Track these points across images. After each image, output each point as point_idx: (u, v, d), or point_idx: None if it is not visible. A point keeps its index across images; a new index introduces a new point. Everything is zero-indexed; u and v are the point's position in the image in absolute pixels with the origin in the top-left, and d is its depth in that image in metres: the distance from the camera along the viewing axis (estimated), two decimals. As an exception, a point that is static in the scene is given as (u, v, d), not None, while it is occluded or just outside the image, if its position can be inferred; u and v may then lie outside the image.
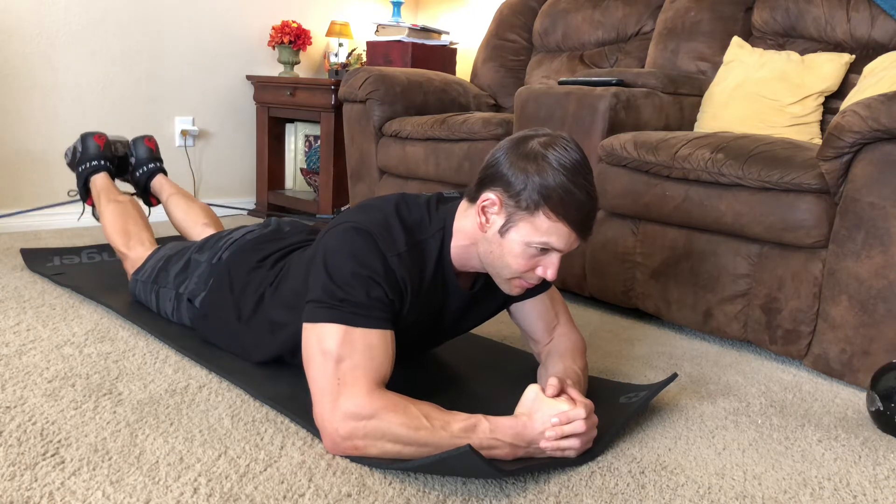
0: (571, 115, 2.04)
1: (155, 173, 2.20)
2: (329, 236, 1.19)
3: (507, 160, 1.15)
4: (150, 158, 2.20)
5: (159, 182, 2.18)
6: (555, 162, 1.11)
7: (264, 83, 3.26)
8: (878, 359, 1.50)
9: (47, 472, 1.03)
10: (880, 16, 2.12)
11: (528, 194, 1.12)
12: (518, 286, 1.22)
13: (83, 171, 2.11)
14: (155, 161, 2.21)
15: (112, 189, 2.06)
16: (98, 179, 2.09)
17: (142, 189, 2.21)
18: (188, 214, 2.04)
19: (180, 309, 1.63)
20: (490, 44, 3.13)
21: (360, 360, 1.09)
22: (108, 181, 2.09)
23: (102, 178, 2.10)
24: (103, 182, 2.08)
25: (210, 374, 1.43)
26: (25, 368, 1.40)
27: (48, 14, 2.74)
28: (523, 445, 1.09)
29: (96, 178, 2.10)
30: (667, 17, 2.56)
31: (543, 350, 1.41)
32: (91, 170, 2.11)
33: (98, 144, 2.14)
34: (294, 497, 1.01)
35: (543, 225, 1.12)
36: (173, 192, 2.13)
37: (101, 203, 2.01)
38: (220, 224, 2.04)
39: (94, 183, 2.10)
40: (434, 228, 1.23)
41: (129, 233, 1.88)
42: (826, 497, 1.11)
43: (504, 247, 1.16)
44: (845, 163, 1.52)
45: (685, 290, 1.82)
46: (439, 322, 1.32)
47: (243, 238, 1.61)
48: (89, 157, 2.12)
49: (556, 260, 1.16)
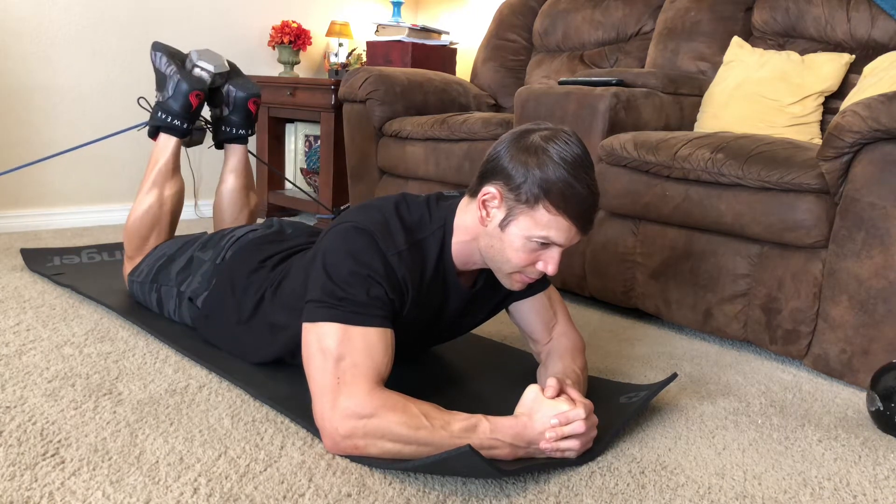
0: (571, 115, 2.04)
1: (238, 140, 2.01)
2: (328, 236, 1.19)
3: (507, 154, 1.15)
4: (243, 124, 1.99)
5: (234, 150, 2.01)
6: (556, 155, 1.11)
7: (264, 83, 3.26)
8: (878, 359, 1.50)
9: (47, 472, 1.03)
10: (880, 16, 2.12)
11: (528, 188, 1.12)
12: (519, 281, 1.22)
13: (160, 118, 1.86)
14: (247, 128, 2.00)
15: (167, 170, 1.85)
16: (167, 144, 1.87)
17: (218, 141, 2.02)
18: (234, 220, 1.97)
19: (182, 308, 1.63)
20: (490, 44, 3.13)
21: (360, 359, 1.09)
22: (172, 156, 1.86)
23: (171, 147, 1.86)
24: (168, 154, 1.85)
25: (210, 374, 1.43)
26: (25, 368, 1.40)
27: (48, 14, 2.74)
28: (523, 446, 1.09)
29: (167, 139, 1.87)
30: (667, 17, 2.57)
31: (543, 350, 1.41)
32: (168, 126, 1.86)
33: (191, 104, 1.85)
34: (294, 497, 1.01)
35: (544, 218, 1.12)
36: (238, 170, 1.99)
37: (148, 179, 1.84)
38: None
39: (161, 142, 1.87)
40: (434, 226, 1.23)
41: (146, 242, 1.81)
42: (826, 497, 1.11)
43: (504, 241, 1.16)
44: (845, 163, 1.52)
45: (685, 290, 1.82)
46: (439, 320, 1.32)
47: (246, 237, 1.61)
48: (173, 112, 1.85)
49: (557, 254, 1.16)
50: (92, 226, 2.89)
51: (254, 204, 2.05)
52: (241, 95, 1.96)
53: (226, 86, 1.96)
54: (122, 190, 3.02)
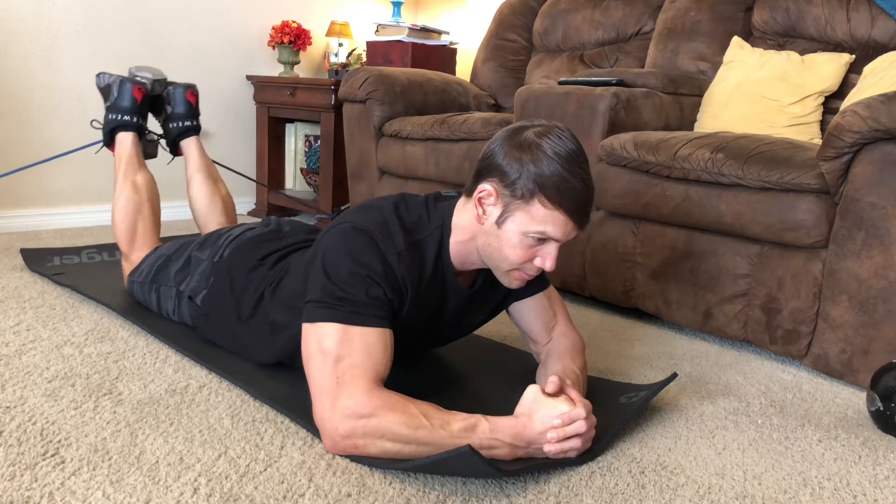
0: (571, 115, 2.04)
1: (188, 133, 2.07)
2: (328, 237, 1.19)
3: (501, 150, 1.15)
4: (187, 115, 2.06)
5: (189, 146, 2.06)
6: (549, 150, 1.11)
7: (264, 83, 3.26)
8: (878, 359, 1.50)
9: (47, 472, 1.03)
10: (880, 16, 2.12)
11: (523, 183, 1.12)
12: (517, 278, 1.22)
13: (112, 119, 1.96)
14: (192, 118, 2.07)
15: (134, 162, 1.92)
16: (125, 140, 1.95)
17: (171, 141, 2.09)
18: (209, 210, 1.99)
19: (181, 307, 1.63)
20: (490, 44, 3.13)
21: (359, 359, 1.09)
22: (133, 148, 1.94)
23: (130, 142, 1.94)
24: (129, 148, 1.94)
25: (210, 374, 1.43)
26: (25, 368, 1.40)
27: (48, 14, 2.74)
28: (523, 445, 1.09)
29: (124, 136, 1.95)
30: (667, 17, 2.57)
31: (542, 350, 1.41)
32: (121, 124, 1.95)
33: (136, 98, 1.96)
34: (294, 497, 1.01)
35: (539, 213, 1.12)
36: (200, 166, 2.03)
37: (119, 176, 1.89)
38: (235, 221, 2.00)
39: (119, 141, 1.95)
40: (433, 226, 1.23)
41: (135, 232, 1.83)
42: (826, 497, 1.11)
43: (501, 238, 1.16)
44: (845, 163, 1.52)
45: (685, 290, 1.82)
46: (438, 320, 1.32)
47: (243, 235, 1.62)
48: (122, 109, 1.95)
49: (554, 250, 1.16)
50: (92, 226, 2.89)
51: (224, 192, 2.06)
52: (179, 90, 2.07)
53: (164, 91, 2.09)
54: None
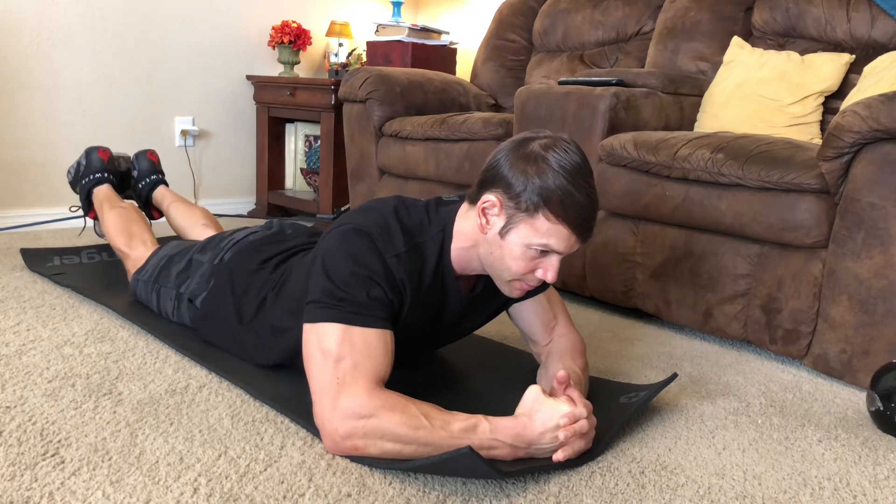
0: (571, 115, 2.04)
1: (157, 185, 2.21)
2: (328, 238, 1.19)
3: (507, 162, 1.15)
4: (152, 171, 2.22)
5: (161, 192, 2.20)
6: (555, 164, 1.11)
7: (264, 83, 3.26)
8: (878, 359, 1.50)
9: (47, 472, 1.03)
10: (880, 16, 2.12)
11: (528, 196, 1.12)
12: (518, 288, 1.22)
13: (86, 183, 2.12)
14: (157, 173, 2.23)
15: (114, 197, 2.07)
16: (101, 191, 2.10)
17: (144, 201, 2.23)
18: (188, 217, 2.06)
19: (181, 309, 1.63)
20: (490, 44, 3.13)
21: (360, 360, 1.09)
22: (110, 191, 2.10)
23: (105, 189, 2.10)
24: (106, 192, 2.09)
25: (210, 374, 1.43)
26: (25, 368, 1.40)
27: (48, 14, 2.74)
28: (523, 446, 1.09)
29: (99, 189, 2.11)
30: (667, 17, 2.57)
31: (543, 351, 1.41)
32: (94, 182, 2.12)
33: (102, 158, 2.15)
34: (294, 497, 1.01)
35: (543, 227, 1.12)
36: (174, 199, 2.15)
37: (103, 210, 2.02)
38: (219, 226, 2.05)
39: (96, 195, 2.10)
40: (433, 231, 1.23)
41: (131, 233, 1.89)
42: (826, 497, 1.11)
43: (504, 248, 1.16)
44: (845, 163, 1.52)
45: (685, 290, 1.82)
46: (438, 323, 1.32)
47: (245, 239, 1.62)
48: (93, 170, 2.13)
49: (556, 262, 1.16)
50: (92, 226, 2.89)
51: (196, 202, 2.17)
52: (140, 154, 2.24)
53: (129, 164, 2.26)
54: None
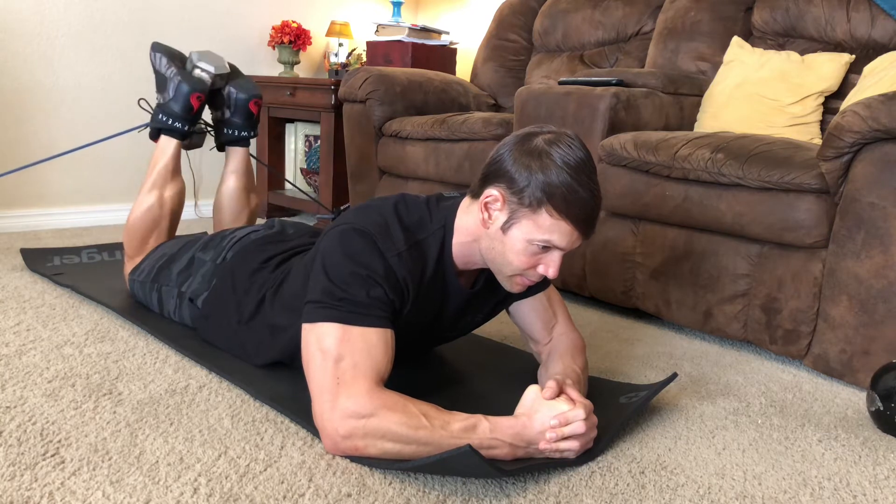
0: (571, 115, 2.04)
1: (239, 142, 2.00)
2: (328, 238, 1.19)
3: (510, 157, 1.15)
4: (244, 126, 1.98)
5: (236, 152, 2.01)
6: (559, 160, 1.11)
7: (264, 83, 3.26)
8: (878, 359, 1.50)
9: (47, 472, 1.03)
10: (880, 16, 2.12)
11: (531, 191, 1.12)
12: (519, 283, 1.22)
13: (160, 120, 1.86)
14: (249, 129, 1.99)
15: (168, 172, 1.85)
16: (167, 146, 1.86)
17: (219, 142, 2.02)
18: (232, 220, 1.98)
19: (182, 308, 1.63)
20: (490, 44, 3.13)
21: (360, 359, 1.09)
22: (172, 158, 1.86)
23: (172, 149, 1.86)
24: (168, 157, 1.85)
25: (210, 374, 1.43)
26: (25, 368, 1.40)
27: (48, 14, 2.74)
28: (523, 445, 1.09)
29: (168, 141, 1.87)
30: (667, 17, 2.57)
31: (543, 350, 1.41)
32: (168, 128, 1.86)
33: (192, 106, 1.85)
34: (294, 497, 1.01)
35: (546, 222, 1.12)
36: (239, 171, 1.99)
37: (148, 180, 1.84)
38: None
39: (162, 144, 1.87)
40: (434, 226, 1.23)
41: (146, 244, 1.82)
42: (826, 497, 1.11)
43: (506, 244, 1.16)
44: (845, 163, 1.52)
45: (685, 290, 1.82)
46: (439, 320, 1.32)
47: (247, 238, 1.61)
48: (174, 115, 1.85)
49: (558, 258, 1.16)
50: (92, 226, 2.89)
51: (254, 205, 2.05)
52: (243, 97, 1.95)
53: (226, 87, 1.96)
54: (122, 190, 3.01)
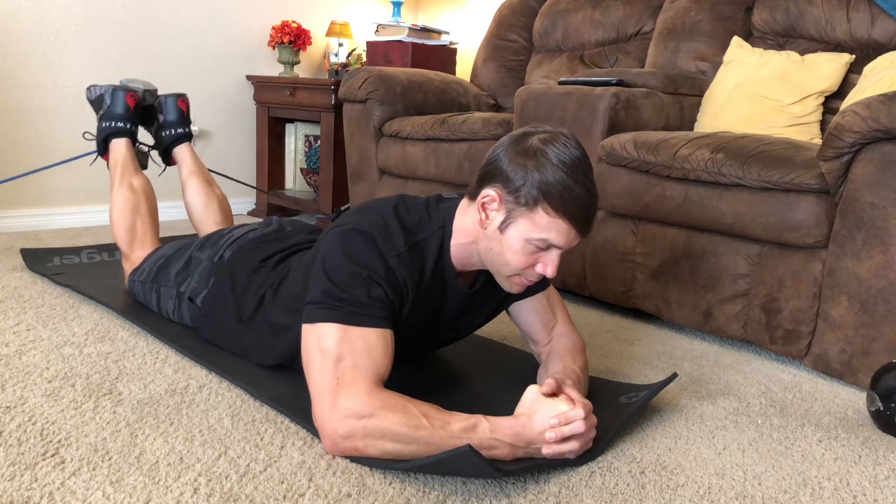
0: (571, 115, 2.04)
1: (181, 140, 2.08)
2: (328, 238, 1.19)
3: (506, 156, 1.15)
4: (179, 122, 2.08)
5: (182, 152, 2.08)
6: (554, 158, 1.11)
7: (264, 83, 3.26)
8: (878, 359, 1.50)
9: (47, 472, 1.03)
10: (880, 16, 2.12)
11: (527, 190, 1.12)
12: (518, 283, 1.22)
13: (105, 127, 1.97)
14: (184, 126, 2.09)
15: (129, 166, 1.94)
16: (119, 146, 1.96)
17: (163, 150, 2.11)
18: (206, 211, 2.00)
19: (181, 308, 1.63)
20: (490, 44, 3.13)
21: (360, 360, 1.09)
22: (128, 152, 1.96)
23: (124, 147, 1.96)
24: (123, 153, 1.95)
25: (210, 374, 1.43)
26: (25, 368, 1.40)
27: (48, 14, 2.74)
28: (523, 446, 1.09)
29: (118, 142, 1.97)
30: (667, 17, 2.57)
31: (543, 350, 1.41)
32: (114, 131, 1.97)
33: (129, 105, 1.98)
34: (294, 497, 1.01)
35: (543, 221, 1.12)
36: (194, 170, 2.04)
37: (115, 180, 1.91)
38: (231, 221, 2.01)
39: (114, 147, 1.97)
40: (433, 227, 1.23)
41: (135, 232, 1.84)
42: (826, 497, 1.11)
43: (504, 243, 1.16)
44: (845, 163, 1.52)
45: (685, 290, 1.82)
46: (438, 321, 1.32)
47: (245, 237, 1.61)
48: (115, 116, 1.97)
49: (556, 257, 1.16)
50: (92, 226, 2.89)
51: (219, 193, 2.07)
52: (170, 98, 2.09)
53: (156, 100, 2.11)
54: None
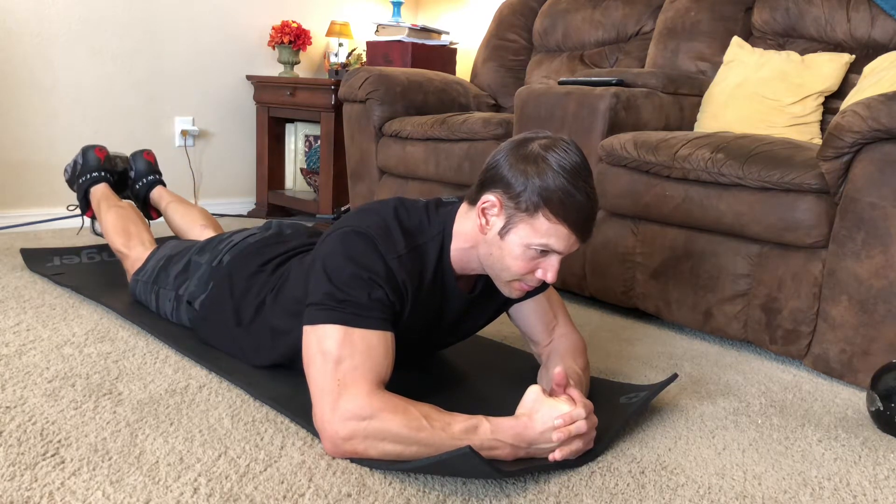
0: (571, 115, 2.04)
1: (154, 185, 2.22)
2: (328, 240, 1.19)
3: (507, 162, 1.15)
4: (149, 171, 2.23)
5: (158, 192, 2.20)
6: (555, 164, 1.11)
7: (264, 83, 3.26)
8: (878, 359, 1.50)
9: (47, 472, 1.03)
10: (880, 16, 2.12)
11: (527, 196, 1.12)
12: (518, 288, 1.22)
13: (83, 182, 2.13)
14: (154, 173, 2.24)
15: (112, 196, 2.08)
16: (98, 190, 2.11)
17: (141, 201, 2.24)
18: (186, 217, 2.06)
19: (179, 310, 1.63)
20: (490, 44, 3.13)
21: (361, 361, 1.09)
22: (107, 190, 2.11)
23: (102, 188, 2.11)
24: (103, 191, 2.10)
25: (210, 374, 1.43)
26: (25, 368, 1.40)
27: (48, 14, 2.74)
28: (524, 446, 1.09)
29: (96, 188, 2.12)
30: (667, 17, 2.57)
31: (543, 351, 1.41)
32: (91, 181, 2.13)
33: (99, 158, 2.15)
34: (294, 497, 1.01)
35: (543, 227, 1.12)
36: (172, 199, 2.15)
37: (101, 210, 2.02)
38: (218, 227, 2.04)
39: (93, 193, 2.11)
40: (433, 232, 1.23)
41: (129, 233, 1.89)
42: (826, 497, 1.11)
43: (504, 249, 1.16)
44: (845, 163, 1.52)
45: (685, 290, 1.82)
46: (438, 324, 1.32)
47: (244, 241, 1.61)
48: (90, 169, 2.14)
49: (556, 262, 1.16)
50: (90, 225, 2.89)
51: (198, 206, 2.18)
52: (137, 154, 2.25)
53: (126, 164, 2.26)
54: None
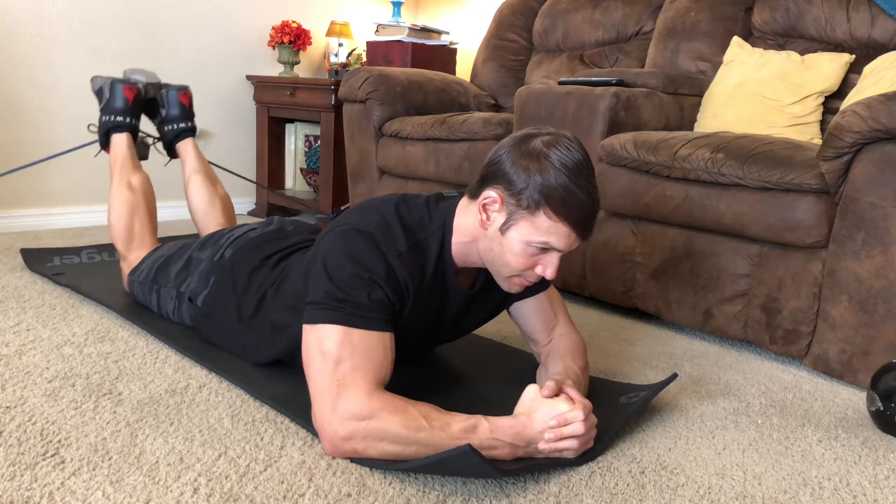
0: (571, 115, 2.04)
1: (184, 134, 2.09)
2: (328, 238, 1.19)
3: (509, 158, 1.15)
4: (182, 116, 2.09)
5: (185, 147, 2.09)
6: (557, 162, 1.11)
7: (264, 83, 3.26)
8: (878, 359, 1.50)
9: (47, 472, 1.03)
10: (880, 16, 2.12)
11: (529, 193, 1.12)
12: (518, 284, 1.22)
13: (106, 122, 1.99)
14: (187, 120, 2.09)
15: (129, 164, 1.95)
16: (119, 141, 1.98)
17: (166, 145, 2.12)
18: (209, 211, 2.00)
19: (181, 308, 1.63)
20: (490, 44, 3.13)
21: (360, 362, 1.09)
22: (128, 150, 1.97)
23: (124, 143, 1.98)
24: (123, 150, 1.97)
25: (210, 374, 1.43)
26: (25, 368, 1.40)
27: (48, 14, 2.74)
28: (523, 445, 1.09)
29: (118, 137, 1.99)
30: (667, 17, 2.57)
31: (543, 350, 1.41)
32: (115, 125, 1.99)
33: (127, 98, 1.99)
34: (294, 497, 1.01)
35: (544, 224, 1.12)
36: (197, 168, 2.05)
37: (114, 178, 1.92)
38: (234, 221, 2.01)
39: (114, 142, 1.99)
40: (434, 226, 1.23)
41: (132, 233, 1.84)
42: (826, 497, 1.11)
43: (504, 245, 1.16)
44: (845, 163, 1.52)
45: (685, 290, 1.82)
46: (439, 321, 1.32)
47: (246, 236, 1.61)
48: (115, 110, 1.99)
49: (556, 259, 1.16)
50: (92, 226, 2.89)
51: (222, 192, 2.07)
52: (173, 92, 2.09)
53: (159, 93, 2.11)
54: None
